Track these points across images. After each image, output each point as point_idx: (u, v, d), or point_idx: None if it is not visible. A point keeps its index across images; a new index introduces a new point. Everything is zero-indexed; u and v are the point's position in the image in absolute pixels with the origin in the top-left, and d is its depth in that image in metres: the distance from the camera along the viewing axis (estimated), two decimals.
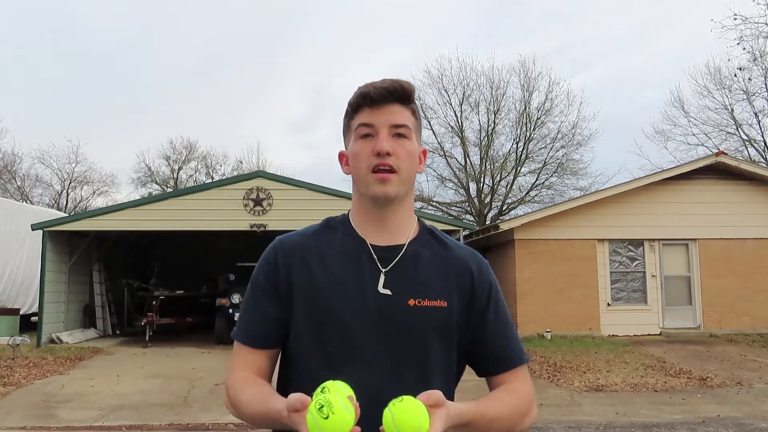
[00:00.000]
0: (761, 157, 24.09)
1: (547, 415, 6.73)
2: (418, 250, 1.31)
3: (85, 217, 13.70)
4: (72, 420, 6.55)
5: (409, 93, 1.28)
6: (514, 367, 1.33)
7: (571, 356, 10.53)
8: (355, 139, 1.28)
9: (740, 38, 20.92)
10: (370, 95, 1.25)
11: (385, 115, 1.25)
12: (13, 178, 32.42)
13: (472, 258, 1.37)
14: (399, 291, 1.25)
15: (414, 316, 1.24)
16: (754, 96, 23.63)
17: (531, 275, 13.22)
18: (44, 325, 12.52)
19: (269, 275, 1.31)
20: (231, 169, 36.32)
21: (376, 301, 1.24)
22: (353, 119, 1.29)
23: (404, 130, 1.26)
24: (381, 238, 1.30)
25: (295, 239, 1.34)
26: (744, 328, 13.27)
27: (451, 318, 1.27)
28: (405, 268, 1.28)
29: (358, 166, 1.27)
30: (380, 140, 1.23)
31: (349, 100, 1.29)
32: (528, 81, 26.65)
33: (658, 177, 13.81)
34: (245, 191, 12.82)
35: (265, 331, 1.29)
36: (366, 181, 1.25)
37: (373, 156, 1.23)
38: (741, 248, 13.59)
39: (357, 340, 1.22)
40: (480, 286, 1.33)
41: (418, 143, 1.32)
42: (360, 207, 1.33)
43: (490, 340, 1.32)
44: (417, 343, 1.23)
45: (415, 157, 1.29)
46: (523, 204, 27.05)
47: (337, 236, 1.33)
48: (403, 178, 1.26)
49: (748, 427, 6.15)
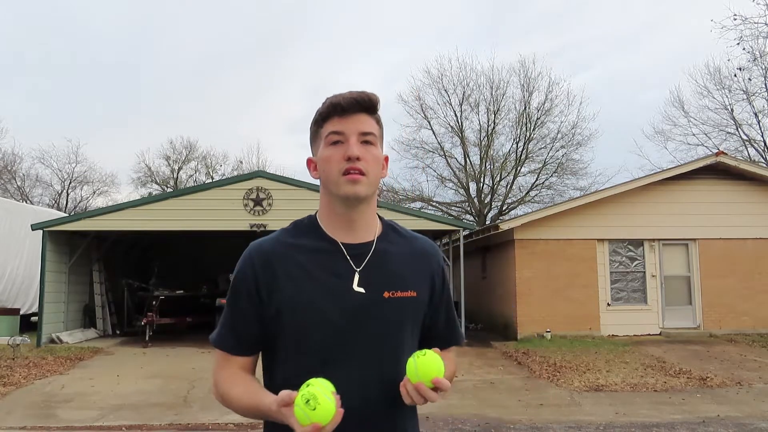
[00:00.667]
0: (761, 157, 24.10)
1: (547, 415, 6.73)
2: (385, 246, 1.42)
3: (85, 217, 13.69)
4: (72, 420, 6.55)
5: (375, 103, 1.38)
6: (456, 345, 1.56)
7: (571, 356, 10.53)
8: (325, 146, 1.37)
9: (740, 38, 20.94)
10: (341, 105, 1.35)
11: (354, 123, 1.35)
12: (13, 178, 32.43)
13: (430, 248, 1.51)
14: (373, 286, 1.36)
15: (389, 308, 1.36)
16: (754, 96, 23.67)
17: (531, 275, 13.21)
18: (44, 325, 12.52)
19: (247, 281, 1.37)
20: (231, 169, 36.40)
21: (353, 299, 1.34)
22: (323, 127, 1.38)
23: (371, 138, 1.37)
24: (351, 237, 1.40)
25: (270, 244, 1.40)
26: (744, 328, 13.27)
27: (419, 305, 1.43)
28: (376, 265, 1.38)
29: (329, 170, 1.35)
30: (350, 146, 1.33)
31: (319, 110, 1.39)
32: (528, 81, 26.70)
33: (658, 177, 13.80)
34: (245, 191, 12.82)
35: (245, 339, 1.38)
36: (337, 183, 1.34)
37: (344, 161, 1.33)
38: (741, 248, 13.59)
39: (342, 334, 1.32)
40: (438, 273, 1.48)
41: (382, 150, 1.42)
42: (329, 209, 1.41)
43: (442, 322, 1.51)
44: (393, 332, 1.37)
45: (381, 162, 1.40)
46: (523, 204, 27.08)
47: (309, 238, 1.41)
48: (371, 180, 1.36)
49: (748, 427, 6.15)
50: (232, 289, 1.41)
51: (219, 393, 1.39)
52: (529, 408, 7.03)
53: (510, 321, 13.42)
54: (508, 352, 11.30)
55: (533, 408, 7.05)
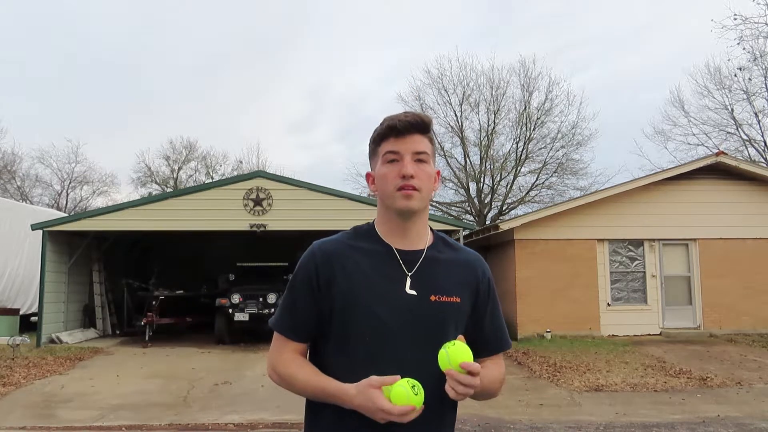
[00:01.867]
0: (761, 157, 24.09)
1: (547, 415, 6.73)
2: (434, 255, 1.57)
3: (85, 217, 13.69)
4: (72, 420, 6.55)
5: (427, 125, 1.53)
6: (503, 351, 1.66)
7: (571, 356, 10.53)
8: (382, 164, 1.53)
9: (740, 38, 20.91)
10: (396, 127, 1.50)
11: (408, 143, 1.50)
12: (13, 178, 32.42)
13: (476, 260, 1.64)
14: (422, 290, 1.50)
15: (435, 310, 1.50)
16: (754, 96, 23.66)
17: (531, 275, 13.21)
18: (44, 325, 12.51)
19: (309, 273, 1.52)
20: (231, 169, 36.37)
21: (405, 300, 1.48)
22: (380, 146, 1.54)
23: (424, 156, 1.51)
24: (404, 244, 1.55)
25: (331, 243, 1.56)
26: (744, 328, 13.26)
27: (462, 311, 1.55)
28: (426, 271, 1.53)
29: (385, 186, 1.51)
30: (405, 165, 1.48)
31: (377, 129, 1.55)
32: (528, 81, 26.68)
33: (658, 177, 13.80)
34: (245, 191, 12.82)
35: (302, 326, 1.53)
36: (393, 197, 1.50)
37: (399, 178, 1.48)
38: (741, 248, 13.59)
39: (391, 332, 1.45)
40: (483, 285, 1.61)
41: (434, 165, 1.56)
42: (386, 218, 1.56)
43: (487, 327, 1.62)
44: (438, 331, 1.48)
45: (432, 177, 1.54)
46: (523, 204, 27.05)
47: (367, 242, 1.56)
48: (423, 195, 1.51)
49: (748, 427, 6.15)
50: (294, 279, 1.55)
51: (280, 374, 1.52)
52: (529, 408, 7.03)
53: (510, 321, 13.41)
54: (508, 352, 11.30)
55: (533, 408, 7.05)
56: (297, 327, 1.53)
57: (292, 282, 1.56)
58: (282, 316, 1.56)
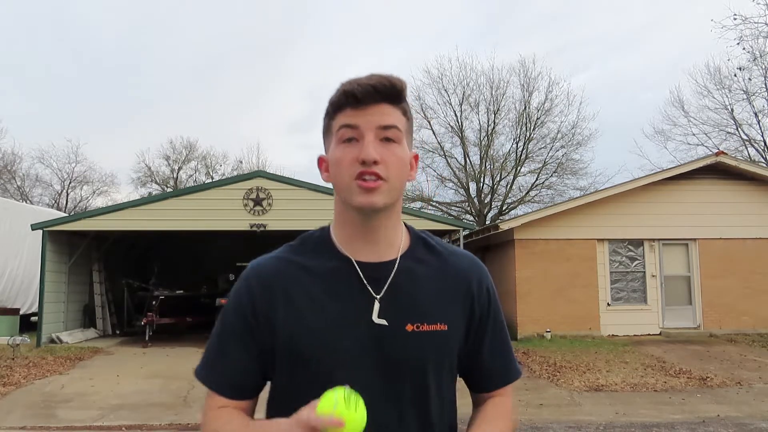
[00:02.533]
0: (761, 157, 24.10)
1: (547, 415, 6.73)
2: (411, 266, 1.17)
3: (85, 217, 13.69)
4: (72, 420, 6.55)
5: (399, 90, 1.12)
6: (509, 383, 1.27)
7: (570, 356, 10.53)
8: (336, 143, 1.12)
9: (740, 38, 20.92)
10: (354, 93, 1.09)
11: (372, 115, 1.10)
12: (12, 178, 32.43)
13: (470, 266, 1.24)
14: (395, 317, 1.13)
15: (413, 344, 1.13)
16: (754, 96, 23.65)
17: (531, 275, 13.21)
18: (44, 325, 12.51)
19: (245, 313, 1.15)
20: (231, 169, 36.40)
21: (371, 333, 1.11)
22: (334, 119, 1.13)
23: (393, 133, 1.11)
24: (368, 254, 1.16)
25: (272, 266, 1.19)
26: (744, 328, 13.26)
27: (451, 342, 1.17)
28: (399, 290, 1.15)
29: (340, 174, 1.11)
30: (366, 146, 1.08)
31: (330, 98, 1.14)
32: (528, 81, 26.67)
33: (658, 177, 13.80)
34: (245, 191, 12.82)
35: (239, 381, 1.17)
36: (349, 190, 1.10)
37: (358, 163, 1.08)
38: (741, 248, 13.59)
39: (354, 379, 1.05)
40: (480, 300, 1.22)
41: (410, 147, 1.16)
42: (344, 220, 1.17)
43: (487, 357, 1.23)
44: (416, 374, 1.14)
45: (406, 163, 1.14)
46: (523, 204, 27.06)
47: (319, 258, 1.18)
48: (392, 187, 1.10)
49: (748, 427, 6.15)
50: (224, 316, 1.19)
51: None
52: (529, 408, 7.03)
53: (510, 321, 13.40)
54: None
55: (533, 408, 7.05)
56: (227, 383, 1.17)
57: (222, 319, 1.19)
58: (207, 365, 1.19)
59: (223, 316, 1.19)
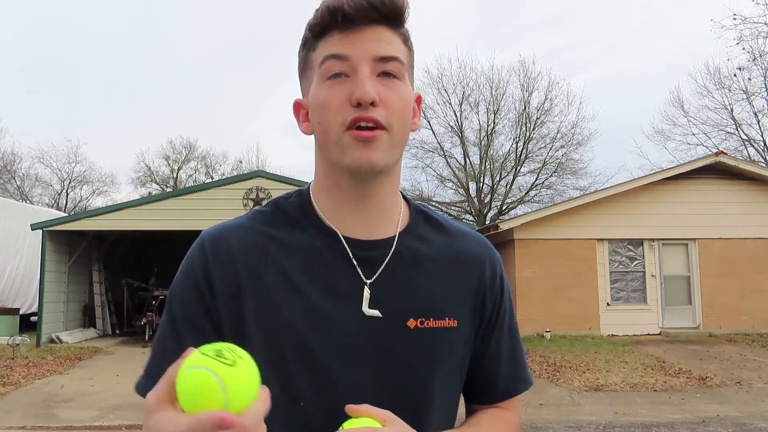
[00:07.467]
0: (761, 157, 24.11)
1: (547, 414, 6.74)
2: (413, 245, 0.92)
3: (85, 216, 13.69)
4: (72, 420, 6.55)
5: (400, 9, 0.84)
6: (518, 394, 1.01)
7: (570, 356, 10.54)
8: (319, 81, 0.85)
9: (740, 38, 20.96)
10: (343, 10, 0.81)
11: (367, 42, 0.83)
12: (12, 177, 32.42)
13: (482, 250, 0.97)
14: (393, 309, 0.87)
15: (414, 344, 0.88)
16: (754, 96, 23.67)
17: (531, 275, 13.22)
18: (44, 325, 12.52)
19: (199, 296, 0.87)
20: (231, 169, 36.42)
21: (361, 329, 0.86)
22: (315, 49, 0.86)
23: (395, 67, 0.84)
24: (360, 230, 0.90)
25: (236, 238, 0.90)
26: (744, 328, 13.27)
27: (462, 339, 0.93)
28: (398, 275, 0.89)
29: (326, 122, 0.83)
30: (361, 82, 0.81)
31: (309, 21, 0.87)
32: (528, 81, 26.68)
33: (658, 177, 13.80)
34: (245, 191, 12.81)
35: None
36: (340, 143, 0.83)
37: (350, 106, 0.81)
38: (741, 248, 13.59)
39: (338, 387, 0.85)
40: (493, 291, 0.96)
41: (412, 86, 0.90)
42: (329, 182, 0.90)
43: (493, 363, 0.97)
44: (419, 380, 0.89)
45: (410, 106, 0.88)
46: (522, 204, 27.07)
47: (296, 231, 0.91)
48: (394, 140, 0.84)
49: (747, 427, 6.15)
50: (171, 304, 0.90)
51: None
52: (529, 408, 7.03)
53: None
54: None
55: (533, 408, 7.05)
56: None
57: (170, 310, 0.89)
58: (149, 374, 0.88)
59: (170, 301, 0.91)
